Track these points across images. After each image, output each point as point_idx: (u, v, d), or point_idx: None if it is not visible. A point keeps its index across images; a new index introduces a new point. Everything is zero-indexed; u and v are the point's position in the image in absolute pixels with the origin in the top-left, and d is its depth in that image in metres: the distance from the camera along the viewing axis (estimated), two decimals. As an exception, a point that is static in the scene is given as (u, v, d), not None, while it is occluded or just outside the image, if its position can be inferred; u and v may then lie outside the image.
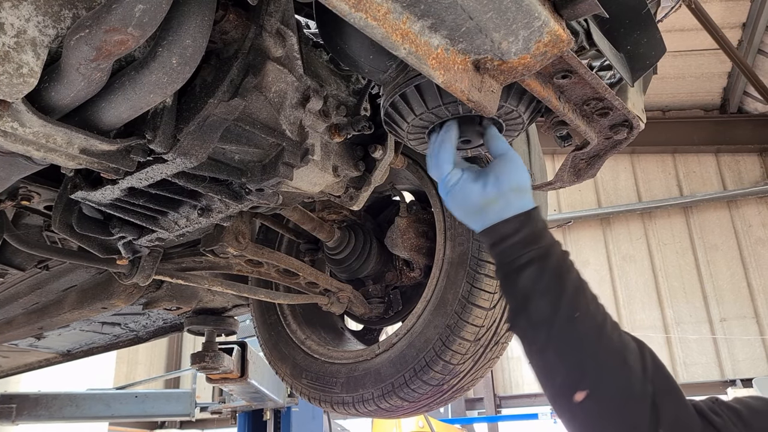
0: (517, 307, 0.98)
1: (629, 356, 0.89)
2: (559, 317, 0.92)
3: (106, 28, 0.76)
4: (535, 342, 0.95)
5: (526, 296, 0.96)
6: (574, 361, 0.91)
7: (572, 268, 0.97)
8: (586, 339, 0.91)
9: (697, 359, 8.87)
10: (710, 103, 9.69)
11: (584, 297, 0.94)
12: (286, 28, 1.09)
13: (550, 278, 0.95)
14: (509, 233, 0.99)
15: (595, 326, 0.91)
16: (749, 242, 9.14)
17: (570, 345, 0.91)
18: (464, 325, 1.60)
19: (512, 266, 0.98)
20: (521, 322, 0.97)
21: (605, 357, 0.89)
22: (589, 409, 0.88)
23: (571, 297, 0.93)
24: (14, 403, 4.47)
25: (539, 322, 0.94)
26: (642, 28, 1.05)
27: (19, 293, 2.16)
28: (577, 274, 0.97)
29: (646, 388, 0.86)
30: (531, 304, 0.95)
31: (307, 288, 1.95)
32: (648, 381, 0.87)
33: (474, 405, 9.62)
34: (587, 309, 0.93)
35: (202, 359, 2.74)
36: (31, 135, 0.89)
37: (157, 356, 11.62)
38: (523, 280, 0.96)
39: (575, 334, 0.91)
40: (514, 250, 0.98)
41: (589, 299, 0.95)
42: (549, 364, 0.94)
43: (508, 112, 1.10)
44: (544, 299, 0.94)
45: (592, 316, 0.93)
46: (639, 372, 0.88)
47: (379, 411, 1.77)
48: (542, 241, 0.98)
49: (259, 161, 1.21)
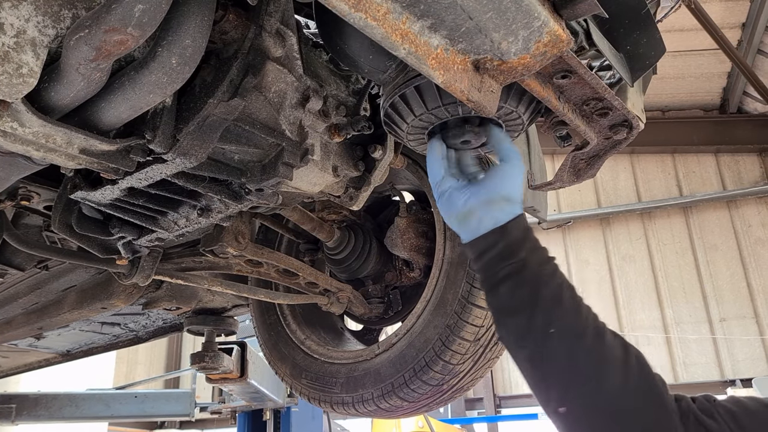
0: (498, 322, 1.00)
1: (609, 369, 0.88)
2: (533, 332, 0.93)
3: (105, 28, 0.76)
4: (516, 356, 0.97)
5: (502, 311, 0.98)
6: (550, 375, 0.92)
7: (550, 280, 0.95)
8: (560, 354, 0.91)
9: (697, 359, 8.87)
10: (710, 103, 9.69)
11: (560, 310, 0.93)
12: (285, 28, 1.09)
13: (524, 294, 0.95)
14: (486, 248, 0.99)
15: (571, 339, 0.91)
16: (749, 242, 9.14)
17: (546, 359, 0.92)
18: (464, 325, 1.60)
19: (490, 281, 0.99)
20: (503, 335, 0.99)
21: (584, 370, 0.89)
22: (572, 422, 0.89)
23: (545, 312, 0.93)
24: (14, 403, 4.47)
25: (517, 338, 0.95)
26: (642, 28, 1.05)
27: (19, 293, 2.16)
28: (555, 285, 0.95)
29: (624, 402, 0.86)
30: (509, 319, 0.96)
31: (306, 288, 1.95)
32: (630, 394, 0.86)
33: (474, 405, 9.62)
34: (563, 323, 0.92)
35: (201, 359, 2.74)
36: (31, 135, 0.89)
37: (157, 356, 11.61)
38: (501, 295, 0.97)
39: (550, 349, 0.91)
40: (492, 264, 0.99)
41: (567, 311, 0.93)
42: (531, 376, 0.95)
43: (507, 113, 1.09)
44: (519, 315, 0.94)
45: (569, 329, 0.92)
46: (619, 384, 0.87)
47: (378, 411, 1.77)
48: (518, 255, 0.97)
49: (259, 161, 1.20)
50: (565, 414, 0.89)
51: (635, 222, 9.62)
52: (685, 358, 8.91)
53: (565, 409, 0.89)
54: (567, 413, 0.89)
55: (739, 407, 0.87)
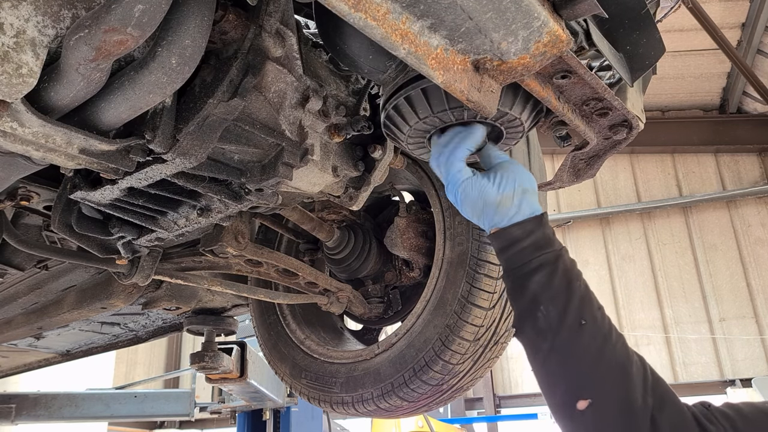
0: (524, 313, 0.97)
1: (632, 368, 0.89)
2: (565, 324, 0.91)
3: (105, 28, 0.76)
4: (540, 349, 0.94)
5: (534, 301, 0.95)
6: (578, 370, 0.90)
7: (580, 276, 0.96)
8: (591, 348, 0.90)
9: (697, 359, 8.88)
10: (709, 103, 9.69)
11: (591, 305, 0.93)
12: (285, 28, 1.09)
13: (560, 284, 0.94)
14: (520, 237, 0.98)
15: (600, 335, 0.91)
16: (748, 242, 9.15)
17: (574, 353, 0.91)
18: (464, 324, 1.60)
19: (522, 270, 0.97)
20: (527, 329, 0.96)
21: (609, 367, 0.89)
22: (589, 419, 0.88)
23: (578, 304, 0.92)
24: (13, 403, 4.47)
25: (546, 329, 0.93)
26: (641, 28, 1.05)
27: (19, 293, 2.16)
28: (584, 282, 0.96)
29: (647, 401, 0.86)
30: (539, 309, 0.94)
31: (306, 288, 1.95)
32: (648, 393, 0.87)
33: (473, 405, 9.62)
34: (594, 317, 0.92)
35: (201, 359, 2.74)
36: (31, 135, 0.89)
37: (157, 356, 11.61)
38: (533, 284, 0.95)
39: (580, 343, 0.91)
40: (525, 254, 0.97)
41: (595, 308, 0.94)
42: (552, 372, 0.93)
43: (511, 120, 1.09)
44: (553, 305, 0.93)
45: (599, 325, 0.92)
46: (640, 384, 0.87)
47: (378, 411, 1.77)
48: (553, 246, 0.97)
49: (259, 161, 1.21)
50: (588, 409, 0.88)
51: (635, 222, 9.63)
52: (685, 357, 8.91)
53: (589, 402, 0.88)
54: (592, 407, 0.87)
55: (735, 412, 0.88)
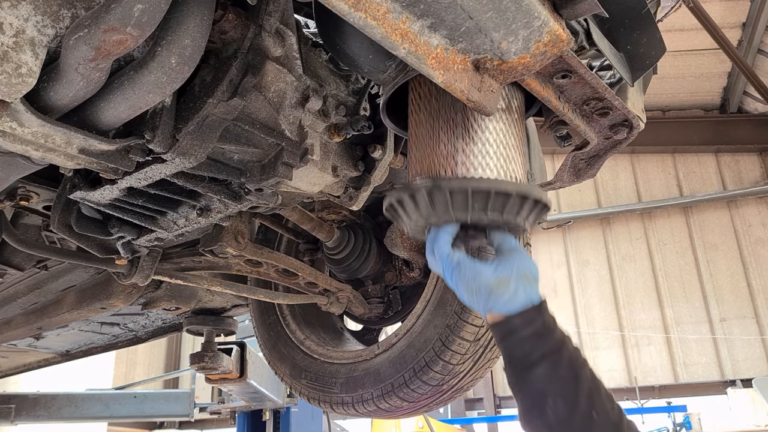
0: (531, 407, 0.93)
1: None
2: (576, 418, 0.88)
3: (104, 27, 0.76)
4: None
5: (540, 395, 0.91)
6: None
7: (586, 363, 0.92)
8: None
9: (697, 359, 8.88)
10: (710, 103, 9.70)
11: (600, 395, 0.90)
12: (285, 28, 1.09)
13: (566, 376, 0.90)
14: (520, 326, 0.93)
15: (611, 427, 0.88)
16: (749, 242, 9.15)
17: None
18: (464, 325, 1.59)
19: (524, 362, 0.93)
20: (536, 422, 0.92)
21: None
22: None
23: (587, 396, 0.89)
24: (13, 404, 4.46)
25: (555, 424, 0.89)
26: (642, 27, 1.05)
27: (18, 293, 2.16)
28: (591, 370, 0.92)
29: None
30: (547, 404, 0.90)
31: (306, 288, 1.95)
32: None
33: (473, 405, 9.62)
34: (604, 409, 0.89)
35: (201, 359, 2.74)
36: (30, 135, 0.89)
37: (156, 356, 11.62)
38: (537, 377, 0.91)
39: None
40: (526, 344, 0.93)
41: (604, 397, 0.90)
42: None
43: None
44: (561, 398, 0.89)
45: (610, 416, 0.89)
46: None
47: (378, 411, 1.77)
48: (554, 335, 0.93)
49: (259, 161, 1.20)
50: None
51: (635, 222, 9.63)
52: (685, 358, 8.91)
53: None
54: None
55: None
